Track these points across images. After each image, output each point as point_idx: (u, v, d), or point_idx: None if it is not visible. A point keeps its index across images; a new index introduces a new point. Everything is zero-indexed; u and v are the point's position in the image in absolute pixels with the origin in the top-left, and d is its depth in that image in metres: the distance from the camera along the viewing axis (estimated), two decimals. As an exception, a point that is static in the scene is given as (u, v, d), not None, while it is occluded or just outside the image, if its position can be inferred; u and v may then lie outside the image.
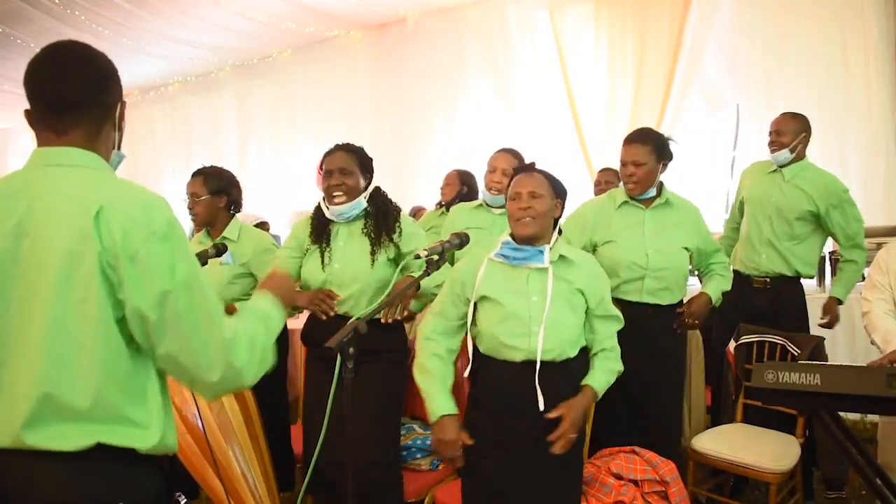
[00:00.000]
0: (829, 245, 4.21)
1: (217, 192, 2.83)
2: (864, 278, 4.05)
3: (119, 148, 1.32)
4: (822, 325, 3.15)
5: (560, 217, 2.06)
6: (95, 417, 1.14)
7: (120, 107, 1.27)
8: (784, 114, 3.12)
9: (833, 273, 4.08)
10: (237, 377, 1.22)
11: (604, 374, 2.02)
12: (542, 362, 1.90)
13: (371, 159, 2.49)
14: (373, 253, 2.35)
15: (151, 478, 1.23)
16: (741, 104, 4.90)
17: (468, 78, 6.23)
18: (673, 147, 2.62)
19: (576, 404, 1.91)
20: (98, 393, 1.13)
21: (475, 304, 2.00)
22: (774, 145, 3.05)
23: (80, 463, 1.14)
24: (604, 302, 2.04)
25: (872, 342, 2.49)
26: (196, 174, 2.87)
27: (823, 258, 4.08)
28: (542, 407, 1.89)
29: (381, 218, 2.39)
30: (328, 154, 2.45)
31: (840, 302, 3.14)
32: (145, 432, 1.18)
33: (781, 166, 3.06)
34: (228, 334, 1.19)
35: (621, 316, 2.10)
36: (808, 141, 3.07)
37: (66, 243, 1.12)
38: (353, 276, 2.34)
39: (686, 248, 2.58)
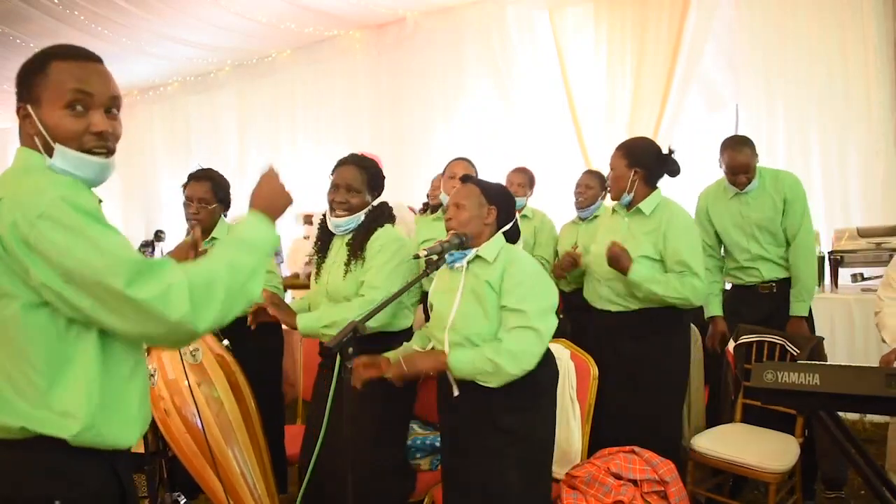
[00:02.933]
0: (829, 244, 4.22)
1: (222, 201, 2.83)
2: (861, 278, 4.07)
3: (48, 151, 1.23)
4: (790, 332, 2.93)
5: (502, 220, 2.09)
6: (20, 402, 1.16)
7: (18, 110, 1.26)
8: (739, 146, 2.97)
9: (833, 273, 4.09)
10: (179, 330, 1.17)
11: (469, 355, 1.95)
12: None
13: (383, 176, 2.45)
14: (346, 264, 2.33)
15: (96, 477, 1.22)
16: (741, 104, 4.90)
17: (467, 78, 6.24)
18: (676, 157, 2.61)
19: (417, 357, 2.01)
20: (19, 379, 1.16)
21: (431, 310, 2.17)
22: (745, 183, 2.98)
23: (15, 454, 1.15)
24: (512, 295, 1.98)
25: (883, 340, 2.51)
26: (203, 178, 2.80)
27: (822, 258, 4.08)
28: (455, 392, 2.01)
29: (364, 231, 2.35)
30: (339, 166, 2.39)
31: (806, 318, 2.97)
32: (68, 420, 1.17)
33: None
34: (147, 294, 1.14)
35: (541, 333, 1.95)
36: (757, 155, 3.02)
37: None
38: (335, 288, 2.35)
39: (649, 258, 2.50)
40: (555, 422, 2.12)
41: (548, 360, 2.07)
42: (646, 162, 2.57)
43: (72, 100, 1.23)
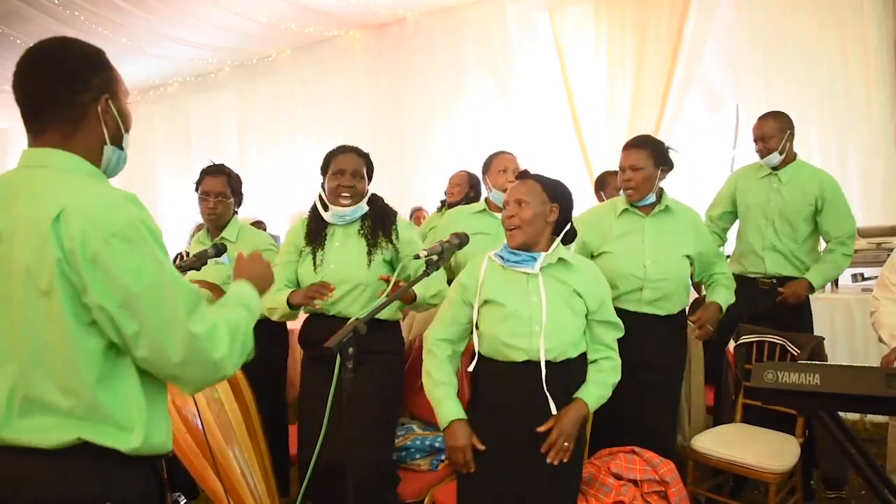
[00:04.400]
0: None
1: (237, 194, 2.85)
2: (862, 278, 4.06)
3: (118, 144, 1.28)
4: (780, 300, 2.97)
5: (561, 220, 2.04)
6: (74, 415, 1.14)
7: (105, 100, 1.23)
8: (764, 116, 3.07)
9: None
10: (217, 370, 1.20)
11: (597, 387, 2.00)
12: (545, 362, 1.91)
13: (373, 166, 2.50)
14: (369, 253, 2.34)
15: (140, 479, 1.22)
16: (741, 104, 4.90)
17: (467, 78, 6.23)
18: (673, 155, 2.62)
19: (565, 417, 1.91)
20: (74, 393, 1.14)
21: (479, 307, 2.02)
22: (763, 151, 3.03)
23: (66, 460, 1.14)
24: (604, 307, 2.04)
25: (880, 339, 2.50)
26: (218, 173, 2.80)
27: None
28: (553, 410, 1.90)
29: (378, 219, 2.39)
30: (339, 153, 2.42)
31: (812, 288, 2.98)
32: (127, 434, 1.17)
33: (775, 168, 3.04)
34: (202, 329, 1.16)
35: (622, 324, 2.10)
36: (793, 136, 3.03)
37: (30, 249, 1.12)
38: (348, 275, 2.33)
39: (687, 257, 2.56)
40: None
41: None
42: (666, 160, 2.59)
43: (126, 91, 1.28)
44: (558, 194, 2.03)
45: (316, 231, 2.42)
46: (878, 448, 3.21)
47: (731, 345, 3.00)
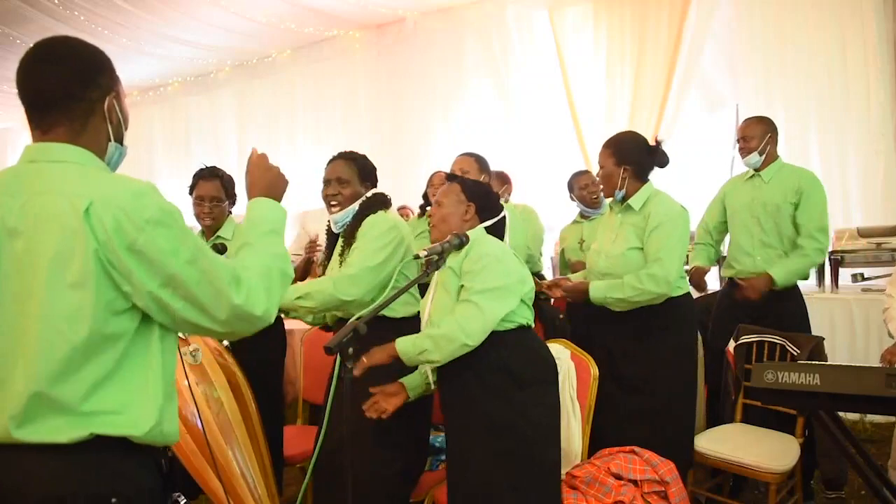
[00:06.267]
0: (828, 245, 4.21)
1: (231, 196, 2.86)
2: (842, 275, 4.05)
3: (120, 141, 1.31)
4: (738, 295, 2.95)
5: (483, 217, 2.14)
6: (88, 411, 1.14)
7: (110, 99, 1.26)
8: (747, 119, 3.19)
9: (833, 273, 4.09)
10: (262, 321, 1.27)
11: (411, 337, 1.98)
12: None
13: (374, 168, 2.48)
14: (341, 255, 2.38)
15: (146, 473, 1.23)
16: (740, 104, 4.90)
17: (467, 78, 6.24)
18: (673, 155, 2.63)
19: (375, 350, 1.98)
20: (90, 387, 1.14)
21: None
22: (743, 150, 3.12)
23: (74, 455, 1.14)
24: (466, 275, 1.99)
25: (890, 335, 2.56)
26: (212, 177, 2.81)
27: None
28: (431, 386, 2.10)
29: (356, 220, 2.39)
30: (329, 163, 2.46)
31: (773, 283, 2.90)
32: (138, 418, 1.18)
33: (758, 170, 3.10)
34: (240, 294, 1.22)
35: (479, 306, 1.94)
36: (776, 140, 3.09)
37: (57, 242, 1.13)
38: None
39: (639, 249, 2.51)
40: (544, 423, 2.05)
41: (530, 356, 2.06)
42: (634, 157, 2.57)
43: (125, 92, 1.32)
44: (475, 194, 2.16)
45: (329, 243, 2.52)
46: (878, 448, 3.21)
47: (731, 345, 2.99)
